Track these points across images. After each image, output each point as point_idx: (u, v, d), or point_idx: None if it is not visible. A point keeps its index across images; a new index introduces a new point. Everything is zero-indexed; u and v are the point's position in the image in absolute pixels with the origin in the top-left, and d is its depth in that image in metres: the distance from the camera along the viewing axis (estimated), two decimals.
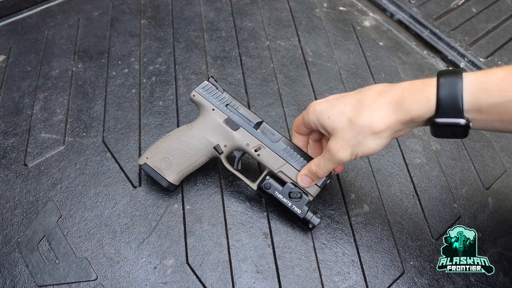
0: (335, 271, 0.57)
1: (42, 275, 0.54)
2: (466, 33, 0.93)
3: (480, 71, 0.43)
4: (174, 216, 0.61)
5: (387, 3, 0.98)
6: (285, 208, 0.57)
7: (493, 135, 0.75)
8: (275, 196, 0.57)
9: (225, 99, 0.59)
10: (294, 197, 0.57)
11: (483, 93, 0.41)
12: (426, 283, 0.57)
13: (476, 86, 0.41)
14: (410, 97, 0.44)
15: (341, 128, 0.49)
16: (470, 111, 0.42)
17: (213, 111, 0.59)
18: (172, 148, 0.59)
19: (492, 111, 0.41)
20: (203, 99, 0.59)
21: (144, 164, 0.59)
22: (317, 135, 0.59)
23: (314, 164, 0.55)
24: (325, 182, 0.58)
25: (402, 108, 0.44)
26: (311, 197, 0.57)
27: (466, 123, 0.42)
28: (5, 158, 0.65)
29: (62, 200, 0.61)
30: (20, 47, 0.81)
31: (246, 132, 0.58)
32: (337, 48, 0.86)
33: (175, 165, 0.58)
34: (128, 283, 0.54)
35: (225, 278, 0.55)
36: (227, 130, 0.58)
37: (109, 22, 0.87)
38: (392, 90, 0.46)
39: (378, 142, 0.47)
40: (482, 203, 0.66)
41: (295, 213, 0.56)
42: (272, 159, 0.58)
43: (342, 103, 0.50)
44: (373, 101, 0.47)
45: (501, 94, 0.40)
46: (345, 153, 0.49)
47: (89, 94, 0.74)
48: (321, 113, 0.51)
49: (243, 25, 0.89)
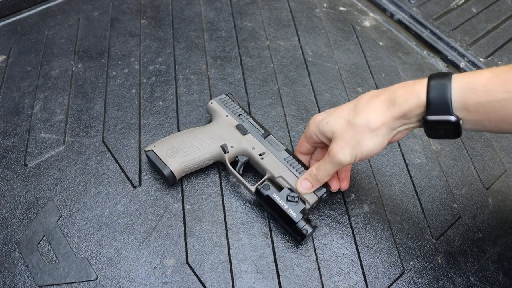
0: (335, 271, 0.57)
1: (42, 275, 0.54)
2: (466, 33, 0.93)
3: (469, 72, 0.45)
4: (174, 216, 0.61)
5: (387, 3, 0.98)
6: (281, 212, 0.56)
7: (493, 135, 0.75)
8: (272, 197, 0.57)
9: (239, 110, 0.66)
10: (291, 201, 0.56)
11: (470, 93, 0.43)
12: (426, 283, 0.57)
13: (464, 86, 0.44)
14: (402, 94, 0.47)
15: (339, 130, 0.51)
16: (458, 109, 0.44)
17: (227, 117, 0.65)
18: (181, 140, 0.62)
19: (479, 110, 0.43)
20: (219, 106, 0.66)
21: (150, 150, 0.60)
22: (319, 154, 0.61)
23: (314, 167, 0.56)
24: (323, 193, 0.58)
25: (395, 105, 0.47)
26: (308, 205, 0.57)
27: (456, 120, 0.44)
28: (5, 158, 0.65)
29: (62, 200, 0.61)
30: (20, 47, 0.81)
31: (253, 138, 0.63)
32: (337, 48, 0.86)
33: (180, 155, 0.60)
34: (128, 283, 0.54)
35: (225, 278, 0.55)
36: (237, 134, 0.63)
37: (109, 22, 0.87)
38: (386, 91, 0.49)
39: (376, 140, 0.49)
40: (482, 203, 0.66)
41: (290, 217, 0.55)
42: (274, 163, 0.60)
43: (340, 110, 0.53)
44: (368, 102, 0.50)
45: (487, 93, 0.42)
46: (344, 154, 0.51)
47: (89, 94, 0.74)
48: (320, 121, 0.55)
49: (243, 25, 0.89)
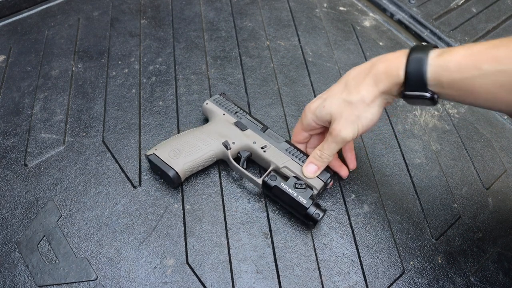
0: (335, 271, 0.57)
1: (42, 275, 0.54)
2: (466, 33, 0.93)
3: (447, 48, 0.47)
4: (174, 216, 0.61)
5: (387, 3, 0.98)
6: (291, 199, 0.57)
7: (493, 135, 0.75)
8: (280, 187, 0.57)
9: (235, 108, 0.66)
10: (299, 188, 0.58)
11: (443, 71, 0.45)
12: (426, 283, 0.57)
13: (439, 64, 0.46)
14: (384, 71, 0.50)
15: (337, 110, 0.54)
16: (433, 86, 0.47)
17: (224, 116, 0.65)
18: (182, 141, 0.62)
19: (453, 87, 0.45)
20: (214, 106, 0.67)
21: (152, 154, 0.60)
22: (316, 140, 0.63)
23: (317, 149, 0.58)
24: (327, 178, 0.59)
25: (380, 81, 0.51)
26: (315, 191, 0.58)
27: (431, 96, 0.47)
28: (5, 158, 0.65)
29: (62, 200, 0.61)
30: (20, 47, 0.81)
31: (253, 133, 0.63)
32: (337, 48, 0.86)
33: (183, 155, 0.60)
34: (128, 283, 0.54)
35: (225, 278, 0.55)
36: (236, 130, 0.63)
37: (109, 22, 0.87)
38: (370, 68, 0.52)
39: (373, 111, 0.52)
40: (482, 203, 0.66)
41: (301, 204, 0.56)
42: (277, 155, 0.61)
43: (331, 92, 0.56)
44: (358, 80, 0.53)
45: (460, 71, 0.44)
46: (347, 131, 0.53)
47: (89, 94, 0.74)
48: (316, 108, 0.57)
49: (243, 25, 0.89)
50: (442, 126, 0.75)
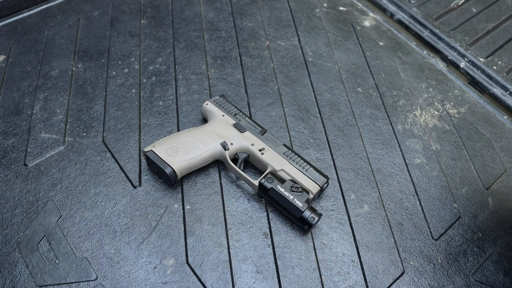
0: (335, 271, 0.57)
1: (42, 275, 0.54)
2: (466, 33, 0.93)
3: None
4: (174, 216, 0.61)
5: (387, 3, 0.98)
6: (287, 202, 0.57)
7: (493, 135, 0.75)
8: (276, 189, 0.58)
9: (234, 110, 0.67)
10: (295, 191, 0.58)
11: None
12: (426, 283, 0.57)
13: None
14: None
15: None
16: None
17: (223, 117, 0.66)
18: (181, 139, 0.62)
19: None
20: (214, 107, 0.67)
21: (150, 151, 0.60)
22: None
23: None
24: (323, 182, 0.60)
25: None
26: (311, 195, 0.59)
27: None
28: (5, 158, 0.65)
29: (62, 200, 0.61)
30: (20, 47, 0.81)
31: (251, 135, 0.64)
32: (337, 48, 0.86)
33: (181, 154, 0.60)
34: (128, 283, 0.54)
35: (225, 278, 0.55)
36: (235, 132, 0.64)
37: (109, 22, 0.87)
38: None
39: None
40: (482, 203, 0.66)
41: (297, 207, 0.57)
42: (275, 158, 0.62)
43: None
44: None
45: None
46: None
47: (89, 94, 0.74)
48: None
49: (243, 25, 0.89)
50: (442, 126, 0.75)
